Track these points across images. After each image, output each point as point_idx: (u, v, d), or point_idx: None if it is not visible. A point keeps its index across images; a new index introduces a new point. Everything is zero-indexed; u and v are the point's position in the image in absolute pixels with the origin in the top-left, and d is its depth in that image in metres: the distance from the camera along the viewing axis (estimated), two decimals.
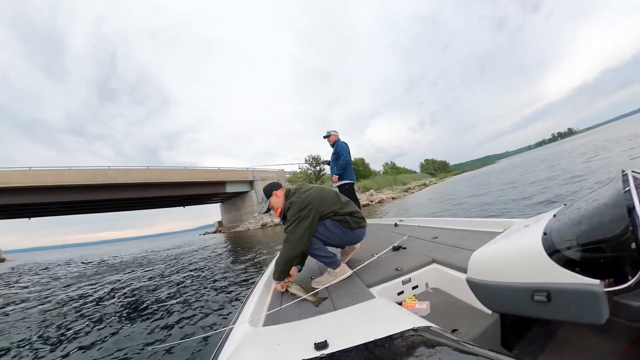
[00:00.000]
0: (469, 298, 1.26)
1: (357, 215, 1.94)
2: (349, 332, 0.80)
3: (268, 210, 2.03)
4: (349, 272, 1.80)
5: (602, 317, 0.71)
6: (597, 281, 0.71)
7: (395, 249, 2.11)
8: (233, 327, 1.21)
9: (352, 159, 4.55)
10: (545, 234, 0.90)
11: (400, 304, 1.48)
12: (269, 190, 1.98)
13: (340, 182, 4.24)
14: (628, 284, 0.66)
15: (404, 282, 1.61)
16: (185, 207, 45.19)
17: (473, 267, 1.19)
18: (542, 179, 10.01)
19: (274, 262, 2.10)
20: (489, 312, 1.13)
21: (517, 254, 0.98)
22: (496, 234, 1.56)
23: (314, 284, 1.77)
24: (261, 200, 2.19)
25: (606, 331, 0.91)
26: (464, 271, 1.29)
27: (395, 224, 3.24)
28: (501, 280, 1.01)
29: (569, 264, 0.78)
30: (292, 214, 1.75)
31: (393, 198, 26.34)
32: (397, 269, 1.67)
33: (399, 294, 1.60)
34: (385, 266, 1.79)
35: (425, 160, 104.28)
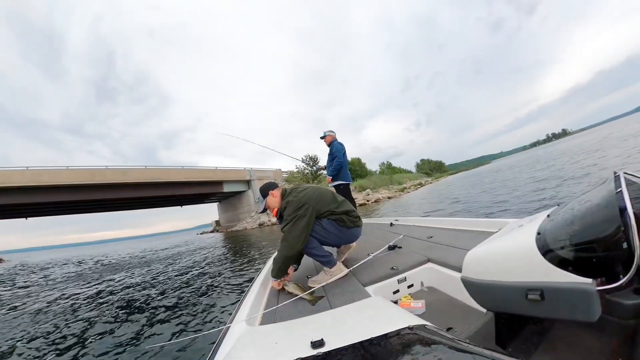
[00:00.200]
0: (464, 297, 1.27)
1: (353, 215, 1.94)
2: (345, 331, 0.80)
3: (264, 210, 2.02)
4: (345, 271, 1.81)
5: (594, 315, 0.72)
6: (590, 280, 0.72)
7: (391, 248, 2.12)
8: (230, 326, 1.21)
9: (349, 159, 4.54)
10: (539, 233, 0.91)
11: (395, 302, 1.49)
12: (265, 190, 1.97)
13: (335, 183, 4.23)
14: (619, 282, 0.68)
15: (399, 281, 1.62)
16: (183, 206, 44.92)
17: (468, 266, 1.20)
18: (537, 179, 10.12)
19: (272, 260, 2.09)
20: (484, 310, 1.14)
21: (512, 253, 0.99)
22: (490, 233, 1.58)
23: (311, 283, 1.77)
24: (258, 199, 2.19)
25: (598, 329, 0.92)
26: (459, 270, 1.30)
27: (391, 224, 3.26)
28: (496, 279, 1.02)
29: (562, 263, 0.79)
30: (288, 213, 1.75)
31: (389, 197, 26.43)
32: (392, 268, 1.68)
33: (394, 292, 1.61)
34: (381, 265, 1.80)
35: (421, 160, 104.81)
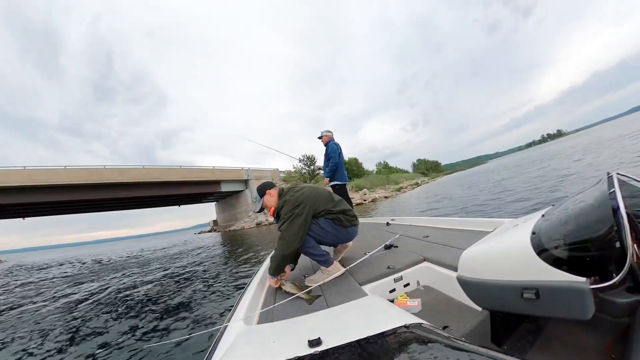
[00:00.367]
0: (460, 295, 1.28)
1: (350, 214, 1.95)
2: (342, 329, 0.80)
3: (261, 210, 2.02)
4: (342, 270, 1.81)
5: (588, 313, 0.73)
6: (584, 279, 0.73)
7: (387, 247, 2.13)
8: (227, 325, 1.21)
9: (346, 159, 4.54)
10: (534, 233, 0.93)
11: (392, 301, 1.49)
12: (262, 189, 1.97)
13: (331, 184, 4.23)
14: (612, 281, 0.69)
15: (395, 280, 1.62)
16: (181, 206, 44.66)
17: (463, 265, 1.21)
18: (531, 179, 10.21)
19: (269, 259, 2.09)
20: (479, 309, 1.15)
21: (507, 252, 1.00)
22: (486, 233, 1.59)
23: (308, 282, 1.78)
24: (255, 199, 2.18)
25: (592, 326, 0.94)
26: (455, 269, 1.31)
27: (387, 223, 3.27)
28: (491, 278, 1.03)
29: (556, 262, 0.80)
30: (285, 211, 1.75)
31: (386, 197, 26.51)
32: (389, 267, 1.68)
33: (390, 291, 1.61)
34: (378, 264, 1.80)
35: (418, 160, 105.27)
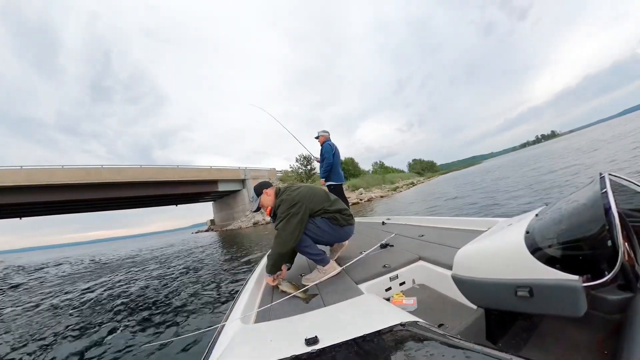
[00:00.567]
0: (455, 294, 1.29)
1: (346, 213, 1.96)
2: (338, 328, 0.81)
3: (258, 209, 2.02)
4: (338, 269, 1.82)
5: (580, 311, 0.75)
6: (576, 277, 0.75)
7: (383, 246, 2.14)
8: (225, 325, 1.21)
9: (342, 159, 4.55)
10: (527, 232, 0.94)
11: (388, 299, 1.50)
12: (259, 189, 1.97)
13: (327, 184, 4.23)
14: (604, 279, 0.70)
15: (391, 279, 1.64)
16: (178, 205, 44.39)
17: (458, 264, 1.22)
18: (525, 179, 10.31)
19: (266, 258, 2.09)
20: (474, 307, 1.16)
21: (501, 251, 1.01)
22: (480, 232, 1.61)
23: (304, 281, 1.78)
24: (252, 198, 2.19)
25: (585, 323, 0.95)
26: (450, 268, 1.32)
27: (383, 222, 3.28)
28: (486, 276, 1.04)
29: (550, 261, 0.81)
30: (282, 210, 1.76)
31: (382, 196, 26.62)
32: (384, 266, 1.69)
33: (386, 290, 1.62)
34: (373, 263, 1.81)
35: (413, 160, 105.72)
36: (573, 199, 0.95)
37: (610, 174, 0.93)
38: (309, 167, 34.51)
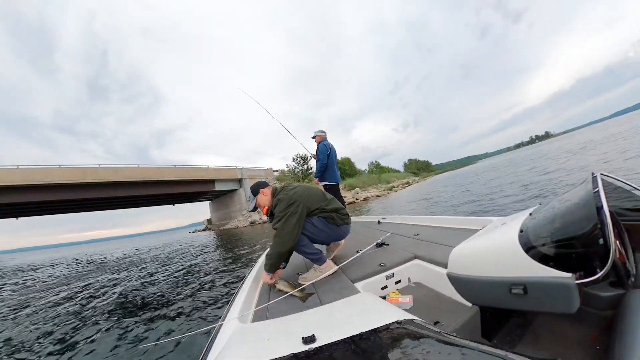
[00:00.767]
0: (450, 292, 1.31)
1: (342, 212, 1.96)
2: (335, 326, 0.81)
3: (255, 209, 2.02)
4: (335, 268, 1.82)
5: (573, 307, 0.76)
6: (569, 274, 0.76)
7: (379, 245, 2.15)
8: (222, 324, 1.21)
9: (339, 159, 4.55)
10: (521, 231, 0.95)
11: (384, 298, 1.51)
12: (256, 189, 1.97)
13: (322, 184, 4.22)
14: (597, 276, 0.72)
15: (387, 277, 1.64)
16: (175, 205, 44.09)
17: (453, 262, 1.23)
18: (519, 179, 10.42)
19: (263, 257, 2.08)
20: (469, 304, 1.17)
21: (496, 250, 1.02)
22: (475, 231, 1.62)
23: (301, 280, 1.78)
24: (249, 198, 2.18)
25: (578, 320, 0.97)
26: (445, 266, 1.33)
27: (379, 222, 3.29)
28: (480, 274, 1.05)
29: (543, 259, 0.82)
30: (280, 210, 1.75)
31: (377, 196, 26.72)
32: (380, 265, 1.70)
33: (382, 288, 1.63)
34: (369, 262, 1.82)
35: (409, 160, 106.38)
36: (566, 199, 0.96)
37: (602, 174, 0.95)
38: (305, 166, 34.55)
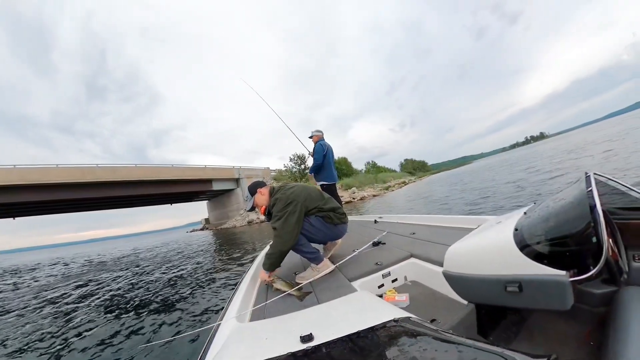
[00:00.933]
0: (446, 290, 1.32)
1: (339, 211, 1.97)
2: (333, 325, 0.81)
3: (253, 208, 2.01)
4: (332, 267, 1.83)
5: (567, 304, 0.78)
6: (563, 272, 0.77)
7: (375, 244, 2.15)
8: (220, 323, 1.21)
9: (336, 158, 4.55)
10: (516, 229, 0.96)
11: (381, 296, 1.52)
12: (253, 188, 1.96)
13: (320, 183, 4.22)
14: (590, 273, 0.73)
15: (384, 276, 1.65)
16: (173, 204, 43.83)
17: (449, 260, 1.24)
18: (514, 179, 10.53)
19: (260, 257, 2.07)
20: (465, 302, 1.18)
21: (491, 248, 1.03)
22: (470, 230, 1.64)
23: (298, 279, 1.78)
24: (246, 198, 2.17)
25: (572, 316, 0.99)
26: (441, 265, 1.34)
27: (375, 221, 3.30)
28: (476, 272, 1.06)
29: (538, 257, 0.84)
30: (278, 209, 1.75)
31: (374, 195, 26.81)
32: (377, 264, 1.71)
33: (379, 287, 1.64)
34: (366, 261, 1.83)
35: (405, 160, 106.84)
36: (560, 198, 0.98)
37: (595, 174, 0.96)
38: (302, 166, 34.55)
